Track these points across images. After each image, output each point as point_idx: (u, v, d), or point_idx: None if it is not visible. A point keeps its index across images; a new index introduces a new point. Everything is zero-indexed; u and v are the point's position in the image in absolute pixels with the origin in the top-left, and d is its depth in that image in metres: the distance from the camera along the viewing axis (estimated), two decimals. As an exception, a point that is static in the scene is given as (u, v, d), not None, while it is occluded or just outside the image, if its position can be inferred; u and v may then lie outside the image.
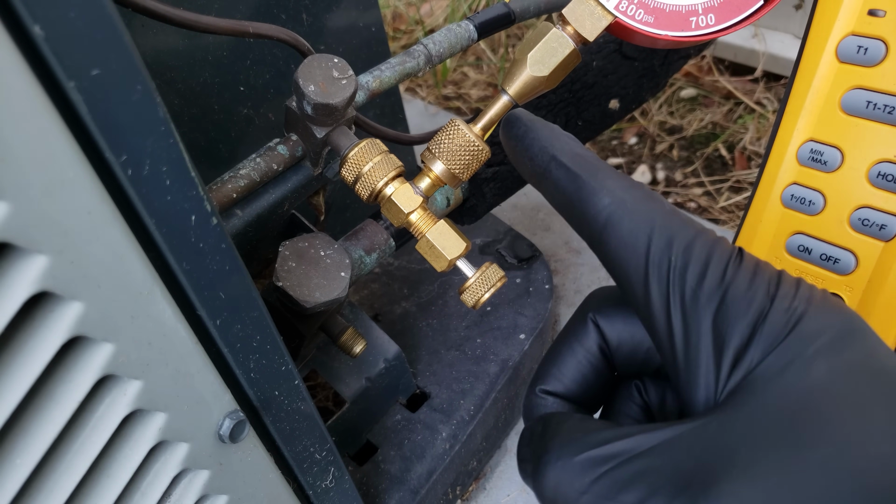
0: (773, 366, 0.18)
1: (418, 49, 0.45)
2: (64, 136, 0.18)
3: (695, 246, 0.19)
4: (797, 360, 0.17)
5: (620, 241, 0.20)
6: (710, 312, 0.19)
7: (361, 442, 0.55)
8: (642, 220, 0.20)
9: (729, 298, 0.19)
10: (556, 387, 0.23)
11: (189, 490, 0.28)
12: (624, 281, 0.20)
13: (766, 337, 0.18)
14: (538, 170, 0.22)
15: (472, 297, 0.28)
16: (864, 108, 0.31)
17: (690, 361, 0.19)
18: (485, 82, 1.27)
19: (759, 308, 0.18)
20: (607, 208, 0.20)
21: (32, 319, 0.20)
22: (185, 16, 0.34)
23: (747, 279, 0.19)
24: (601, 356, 0.24)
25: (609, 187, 0.21)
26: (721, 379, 0.18)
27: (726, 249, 0.19)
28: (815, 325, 0.18)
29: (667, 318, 0.19)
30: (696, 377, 0.19)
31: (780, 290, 0.19)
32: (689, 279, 0.19)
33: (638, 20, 0.27)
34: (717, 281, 0.19)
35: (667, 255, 0.19)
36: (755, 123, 1.04)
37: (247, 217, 0.39)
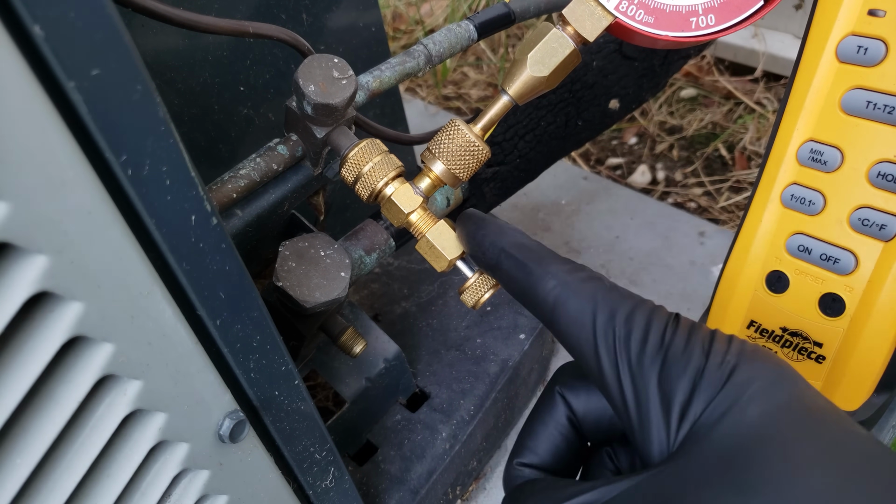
0: (713, 414, 0.20)
1: (418, 49, 0.45)
2: (64, 136, 0.18)
3: (635, 316, 0.22)
4: (733, 408, 0.19)
5: (569, 319, 0.23)
6: (655, 373, 0.21)
7: (361, 442, 0.55)
8: (586, 298, 0.22)
9: (669, 358, 0.21)
10: (532, 459, 0.26)
11: (189, 490, 0.28)
12: (578, 354, 0.23)
13: (705, 390, 0.20)
14: (491, 262, 0.25)
15: (472, 297, 0.28)
16: (864, 108, 0.31)
17: (643, 419, 0.21)
18: (485, 82, 1.27)
19: (696, 364, 0.20)
20: (553, 290, 0.23)
21: (32, 319, 0.20)
22: (185, 16, 0.34)
23: (684, 340, 0.21)
24: (570, 427, 0.26)
25: (553, 272, 0.23)
26: (671, 432, 0.21)
27: (663, 316, 0.22)
28: (746, 375, 0.20)
29: (618, 384, 0.21)
30: (649, 433, 0.21)
31: (713, 347, 0.21)
32: (632, 346, 0.21)
33: (638, 20, 0.27)
34: (658, 344, 0.21)
35: (611, 327, 0.22)
36: (755, 123, 1.04)
37: (247, 217, 0.39)
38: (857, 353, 0.33)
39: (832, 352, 0.35)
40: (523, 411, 0.68)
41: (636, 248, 0.86)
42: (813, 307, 0.35)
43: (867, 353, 0.33)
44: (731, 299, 0.38)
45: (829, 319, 0.34)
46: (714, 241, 0.86)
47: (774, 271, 0.36)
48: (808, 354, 0.35)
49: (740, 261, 0.37)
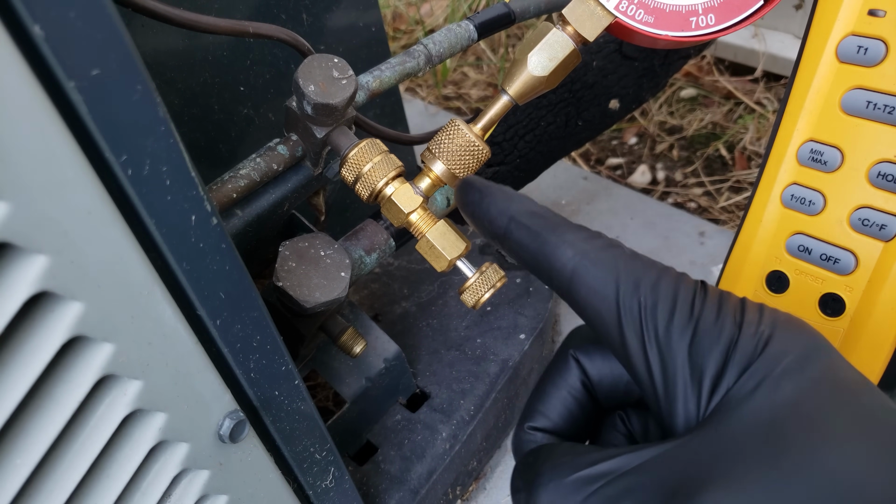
0: (746, 386, 0.19)
1: (418, 49, 0.45)
2: (64, 136, 0.18)
3: (661, 285, 0.21)
4: (767, 380, 0.19)
5: (589, 290, 0.21)
6: (684, 345, 0.20)
7: (361, 442, 0.55)
8: (607, 268, 0.21)
9: (700, 330, 0.20)
10: (544, 423, 0.25)
11: (189, 490, 0.28)
12: (598, 326, 0.22)
13: (738, 361, 0.20)
14: (499, 231, 0.24)
15: (472, 297, 0.28)
16: (864, 108, 0.31)
17: (670, 392, 0.20)
18: (485, 82, 1.27)
19: (729, 336, 0.20)
20: (572, 260, 0.22)
21: (32, 319, 0.20)
22: (185, 16, 0.34)
23: (714, 310, 0.20)
24: (584, 391, 0.25)
25: (570, 240, 0.22)
26: (701, 404, 0.20)
27: (690, 285, 0.21)
28: (781, 347, 0.19)
29: (643, 355, 0.21)
30: (675, 405, 0.20)
31: (745, 317, 0.20)
32: (660, 316, 0.20)
33: (638, 20, 0.27)
34: (687, 315, 0.20)
35: (636, 297, 0.21)
36: (755, 123, 1.04)
37: (247, 217, 0.39)
38: (857, 354, 0.33)
39: (832, 352, 0.35)
40: (523, 411, 0.68)
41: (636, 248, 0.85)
42: (813, 307, 0.35)
43: (867, 353, 0.33)
44: (731, 299, 0.38)
45: (829, 319, 0.34)
46: (714, 241, 0.86)
47: (774, 271, 0.36)
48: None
49: (740, 261, 0.37)
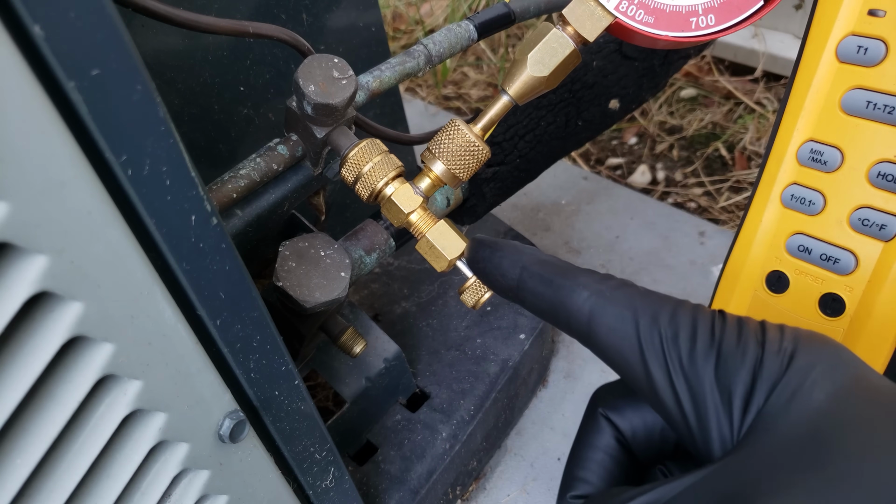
0: (778, 402, 0.19)
1: (418, 49, 0.45)
2: (64, 136, 0.18)
3: (679, 315, 0.21)
4: (798, 393, 0.19)
5: (608, 329, 0.22)
6: (710, 369, 0.20)
7: (361, 442, 0.55)
8: (624, 305, 0.22)
9: (724, 353, 0.20)
10: (585, 489, 0.25)
11: (189, 490, 0.28)
12: (621, 363, 0.22)
13: (766, 379, 0.20)
14: (512, 283, 0.24)
15: (472, 297, 0.28)
16: (864, 108, 0.31)
17: (701, 418, 0.20)
18: (485, 82, 1.27)
19: (753, 356, 0.20)
20: (588, 301, 0.22)
21: (32, 319, 0.20)
22: (185, 16, 0.34)
23: (735, 333, 0.21)
24: (620, 448, 0.25)
25: (584, 283, 0.22)
26: (734, 425, 0.20)
27: (707, 313, 0.21)
28: (806, 360, 0.20)
29: (670, 386, 0.21)
30: (708, 431, 0.20)
31: (767, 336, 0.21)
32: (682, 345, 0.21)
33: (638, 20, 0.27)
34: (709, 341, 0.21)
35: (656, 329, 0.21)
36: (755, 123, 1.04)
37: (247, 217, 0.39)
38: (857, 354, 0.33)
39: (832, 352, 0.35)
40: (523, 411, 0.68)
41: (636, 248, 0.86)
42: (813, 307, 0.35)
43: (868, 354, 0.33)
44: (731, 299, 0.38)
45: (829, 319, 0.34)
46: (714, 241, 0.86)
47: (774, 271, 0.36)
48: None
49: (740, 261, 0.37)
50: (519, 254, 0.24)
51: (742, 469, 0.19)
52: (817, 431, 0.18)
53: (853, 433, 0.18)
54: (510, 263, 0.24)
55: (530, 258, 0.24)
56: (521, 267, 0.24)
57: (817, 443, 0.18)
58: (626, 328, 0.21)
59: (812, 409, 0.19)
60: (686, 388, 0.21)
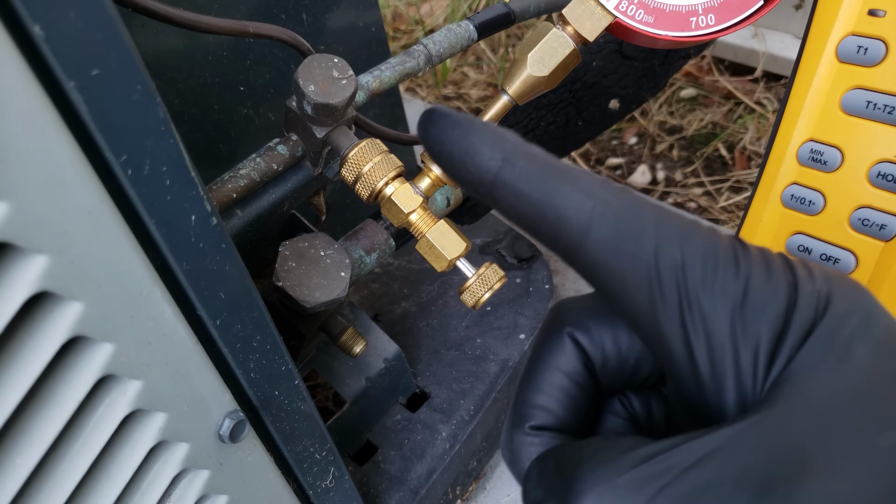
0: (812, 354, 0.17)
1: (418, 49, 0.45)
2: (64, 136, 0.18)
3: (695, 238, 0.18)
4: (835, 345, 0.17)
5: (610, 247, 0.18)
6: (733, 308, 0.17)
7: (361, 442, 0.55)
8: (632, 221, 0.18)
9: (752, 291, 0.17)
10: (546, 419, 0.21)
11: (189, 490, 0.28)
12: (618, 290, 0.18)
13: (799, 325, 0.17)
14: (486, 175, 0.19)
15: (472, 298, 0.28)
16: (864, 108, 0.31)
17: (716, 364, 0.17)
18: (485, 82, 1.27)
19: (786, 296, 0.17)
20: (590, 211, 0.18)
21: (32, 319, 0.20)
22: (185, 16, 0.34)
23: (763, 268, 0.18)
24: (587, 374, 0.21)
25: (584, 188, 0.18)
26: (759, 375, 0.17)
27: (727, 240, 0.18)
28: (844, 307, 0.17)
29: (680, 323, 0.18)
30: (724, 379, 0.17)
31: (798, 276, 0.18)
32: (700, 276, 0.17)
33: (638, 20, 0.27)
34: (734, 275, 0.17)
35: (669, 255, 0.17)
36: (755, 123, 1.04)
37: (247, 217, 0.39)
38: (857, 353, 0.33)
39: (832, 352, 0.35)
40: (523, 411, 0.68)
41: (636, 248, 0.86)
42: (813, 307, 0.35)
43: (867, 353, 0.33)
44: (731, 299, 0.38)
45: (829, 319, 0.34)
46: (714, 241, 0.85)
47: (774, 271, 0.36)
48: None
49: (740, 261, 0.37)
50: (501, 140, 0.19)
51: (781, 432, 0.16)
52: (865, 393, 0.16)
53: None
54: (489, 151, 0.19)
55: (514, 147, 0.19)
56: (503, 157, 0.19)
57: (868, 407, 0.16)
58: (633, 248, 0.17)
59: (856, 367, 0.16)
60: (702, 327, 0.17)
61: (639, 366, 0.21)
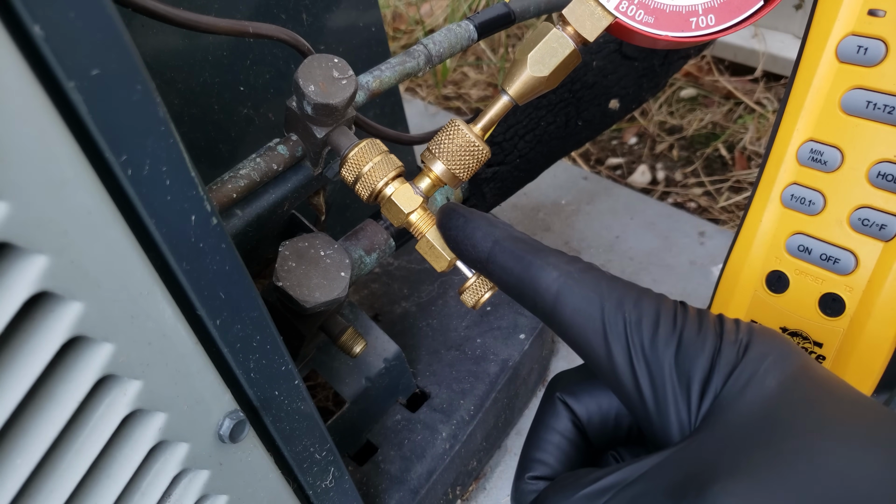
0: (734, 387, 0.21)
1: (418, 49, 0.45)
2: (64, 136, 0.18)
3: (643, 302, 0.22)
4: (753, 379, 0.20)
5: (574, 310, 0.22)
6: (670, 355, 0.21)
7: (361, 442, 0.55)
8: (591, 288, 0.22)
9: (685, 340, 0.21)
10: (543, 470, 0.25)
11: (189, 490, 0.28)
12: (584, 344, 0.22)
13: (723, 366, 0.21)
14: (482, 255, 0.25)
15: (472, 297, 0.28)
16: (864, 108, 0.31)
17: (660, 401, 0.21)
18: (485, 82, 1.27)
19: (712, 344, 0.21)
20: (556, 281, 0.23)
21: (32, 319, 0.20)
22: (185, 16, 0.34)
23: (696, 323, 0.22)
24: (576, 432, 0.26)
25: (553, 262, 0.23)
26: (692, 410, 0.21)
27: (670, 303, 0.22)
28: (760, 350, 0.21)
29: (630, 369, 0.22)
30: (667, 414, 0.21)
31: (724, 328, 0.22)
32: (644, 330, 0.21)
33: (638, 20, 0.27)
34: (671, 328, 0.21)
35: (620, 313, 0.22)
36: (755, 123, 1.04)
37: (247, 217, 0.39)
38: (857, 353, 0.33)
39: (832, 352, 0.35)
40: (523, 411, 0.68)
41: (636, 248, 0.86)
42: (813, 307, 0.35)
43: (867, 353, 0.33)
44: (731, 299, 0.38)
45: (829, 319, 0.34)
46: (714, 241, 0.86)
47: (774, 271, 0.36)
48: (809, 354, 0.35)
49: (740, 261, 0.37)
50: (492, 227, 0.25)
51: (701, 450, 0.20)
52: (770, 414, 0.20)
53: (803, 414, 0.19)
54: (483, 235, 0.25)
55: (503, 233, 0.24)
56: (494, 241, 0.24)
57: (771, 424, 0.19)
58: (591, 310, 0.22)
59: (765, 394, 0.20)
60: (646, 371, 0.21)
61: (619, 420, 0.26)
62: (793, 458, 0.18)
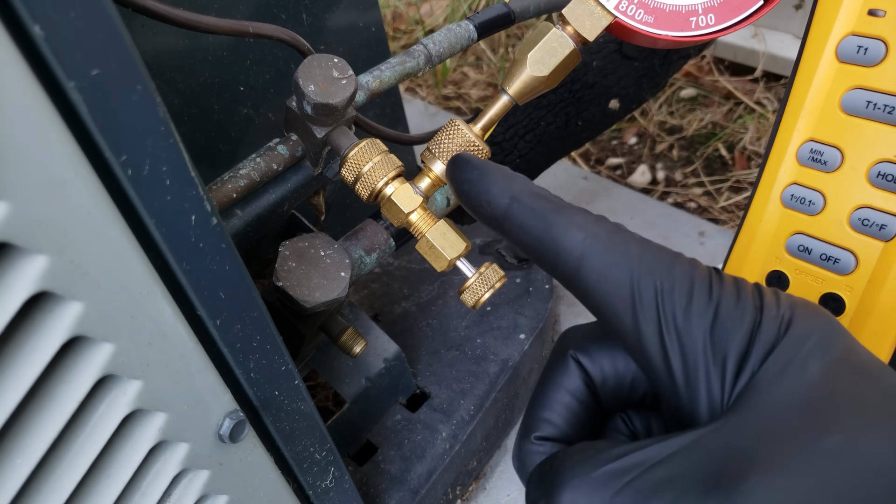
0: (772, 369, 0.19)
1: (418, 49, 0.45)
2: (64, 136, 0.18)
3: (676, 269, 0.20)
4: (794, 362, 0.19)
5: (600, 275, 0.21)
6: (705, 327, 0.20)
7: (361, 442, 0.55)
8: (619, 252, 0.20)
9: (722, 313, 0.20)
10: (550, 431, 0.24)
11: (189, 490, 0.28)
12: (608, 313, 0.21)
13: (762, 344, 0.19)
14: (498, 212, 0.22)
15: (472, 297, 0.28)
16: (864, 108, 0.31)
17: (691, 377, 0.20)
18: (485, 82, 1.27)
19: (751, 319, 0.20)
20: (581, 243, 0.21)
21: (32, 319, 0.20)
22: (185, 16, 0.34)
23: (734, 294, 0.20)
24: (588, 393, 0.24)
25: (579, 223, 0.21)
26: (726, 386, 0.19)
27: (705, 269, 0.21)
28: (803, 329, 0.19)
29: (659, 340, 0.20)
30: (697, 391, 0.20)
31: (764, 301, 0.20)
32: (677, 299, 0.20)
33: (638, 20, 0.27)
34: (706, 299, 0.20)
35: (650, 281, 0.20)
36: (755, 123, 1.04)
37: (247, 217, 0.39)
38: (857, 353, 0.33)
39: (832, 352, 0.35)
40: (523, 411, 0.68)
41: (636, 248, 0.86)
42: (813, 307, 0.35)
43: (867, 353, 0.33)
44: (731, 299, 0.38)
45: (829, 319, 0.34)
46: (714, 241, 0.86)
47: (774, 271, 0.36)
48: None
49: (740, 261, 0.37)
50: (510, 181, 0.23)
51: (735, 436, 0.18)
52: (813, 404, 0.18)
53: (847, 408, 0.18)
54: (500, 191, 0.22)
55: (522, 187, 0.22)
56: (512, 196, 0.22)
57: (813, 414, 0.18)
58: (619, 275, 0.20)
59: (808, 381, 0.19)
60: (677, 344, 0.20)
61: (634, 384, 0.24)
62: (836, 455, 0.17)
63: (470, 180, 0.23)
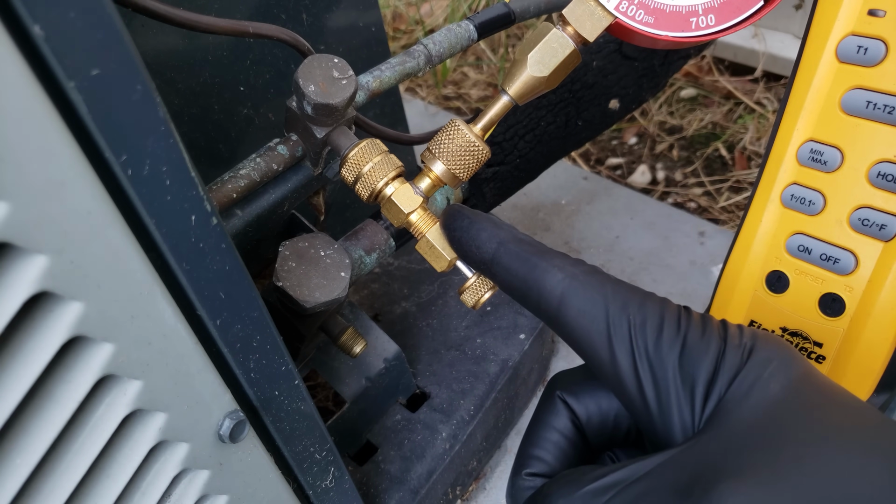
0: (738, 391, 0.21)
1: (418, 49, 0.45)
2: (64, 136, 0.18)
3: (647, 305, 0.22)
4: (757, 384, 0.21)
5: (579, 311, 0.23)
6: (674, 357, 0.22)
7: (361, 442, 0.55)
8: (595, 290, 0.23)
9: (689, 344, 0.22)
10: (540, 467, 0.25)
11: (189, 490, 0.28)
12: (587, 347, 0.23)
13: (727, 369, 0.21)
14: (486, 256, 0.25)
15: (472, 297, 0.28)
16: (864, 108, 0.31)
17: (663, 403, 0.22)
18: (485, 82, 1.27)
19: (716, 348, 0.22)
20: (561, 283, 0.23)
21: (32, 319, 0.20)
22: (185, 16, 0.34)
23: (700, 327, 0.22)
24: (575, 431, 0.26)
25: (559, 264, 0.23)
26: (696, 411, 0.21)
27: (674, 306, 0.23)
28: (764, 355, 0.21)
29: (633, 370, 0.22)
30: (670, 416, 0.22)
31: (728, 332, 0.22)
32: (649, 332, 0.22)
33: (638, 21, 0.27)
34: (675, 331, 0.22)
35: (624, 316, 0.22)
36: (755, 123, 1.04)
37: (247, 217, 0.39)
38: (857, 354, 0.33)
39: (832, 352, 0.35)
40: (523, 411, 0.68)
41: (636, 248, 0.86)
42: (813, 307, 0.35)
43: (867, 353, 0.33)
44: (731, 299, 0.38)
45: (829, 319, 0.34)
46: (714, 241, 0.86)
47: (774, 271, 0.36)
48: (809, 354, 0.35)
49: (740, 261, 0.37)
50: (497, 229, 0.25)
51: (705, 452, 0.20)
52: (775, 418, 0.20)
53: (806, 419, 0.20)
54: (487, 237, 0.25)
55: (508, 234, 0.25)
56: (499, 242, 0.25)
57: (775, 427, 0.20)
58: (595, 312, 0.22)
59: (769, 398, 0.20)
60: (650, 373, 0.22)
61: (618, 421, 0.26)
62: (798, 462, 0.19)
63: (461, 227, 0.26)
